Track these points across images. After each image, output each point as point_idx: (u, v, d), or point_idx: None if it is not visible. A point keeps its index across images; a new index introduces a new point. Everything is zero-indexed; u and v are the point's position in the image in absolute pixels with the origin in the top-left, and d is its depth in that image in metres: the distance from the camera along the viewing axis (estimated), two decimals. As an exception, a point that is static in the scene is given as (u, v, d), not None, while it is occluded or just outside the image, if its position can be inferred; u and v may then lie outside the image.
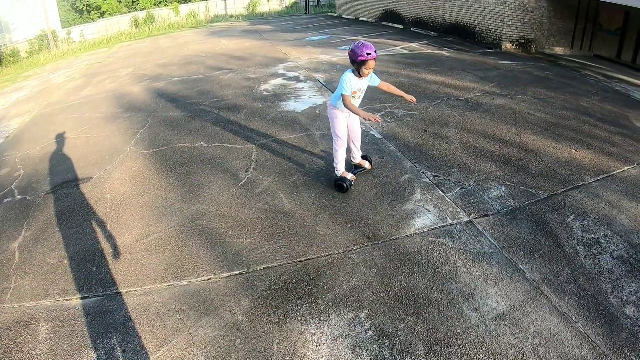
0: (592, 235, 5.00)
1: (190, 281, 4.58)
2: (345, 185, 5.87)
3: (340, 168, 5.94)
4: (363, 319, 3.94)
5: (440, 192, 5.85)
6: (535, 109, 8.69)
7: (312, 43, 17.52)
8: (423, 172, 6.33)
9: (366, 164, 6.37)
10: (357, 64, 5.21)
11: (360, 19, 25.80)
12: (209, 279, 4.58)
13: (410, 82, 10.61)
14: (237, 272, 4.65)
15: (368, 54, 5.10)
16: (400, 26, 21.42)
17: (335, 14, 30.15)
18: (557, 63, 13.69)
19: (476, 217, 5.29)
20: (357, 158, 6.25)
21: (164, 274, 4.71)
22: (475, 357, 3.52)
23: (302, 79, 11.49)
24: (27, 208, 6.46)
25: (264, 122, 8.51)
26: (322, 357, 3.62)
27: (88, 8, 47.56)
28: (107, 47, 25.56)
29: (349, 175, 6.02)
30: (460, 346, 3.62)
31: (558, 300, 4.06)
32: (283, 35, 20.73)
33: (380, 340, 3.72)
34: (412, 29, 20.40)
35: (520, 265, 4.49)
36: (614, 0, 13.03)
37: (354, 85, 5.33)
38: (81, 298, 4.52)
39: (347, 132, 5.81)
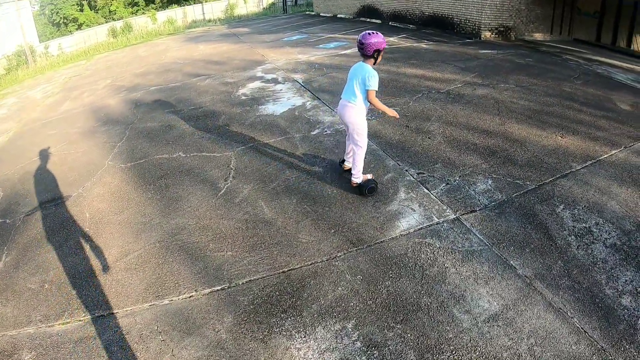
0: (584, 225, 4.89)
1: (171, 300, 4.40)
2: (376, 186, 5.71)
3: (361, 174, 5.65)
4: (350, 329, 3.78)
5: (425, 189, 5.69)
6: (518, 97, 8.57)
7: (290, 43, 17.31)
8: (407, 170, 6.18)
9: None
10: (378, 53, 5.18)
11: (338, 16, 25.65)
12: (190, 297, 4.40)
13: (390, 77, 10.47)
14: (219, 287, 4.47)
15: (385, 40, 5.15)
16: (379, 21, 21.29)
17: (313, 13, 30.02)
18: (538, 49, 13.61)
19: (463, 214, 5.14)
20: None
21: (145, 294, 4.53)
22: (469, 363, 3.38)
23: (281, 81, 11.27)
24: (6, 232, 6.23)
25: (242, 127, 8.31)
26: (310, 373, 3.47)
27: (65, 21, 47.09)
28: (86, 59, 25.17)
29: (370, 175, 5.83)
30: (453, 352, 3.49)
31: (552, 295, 3.94)
32: (261, 37, 20.52)
33: (369, 352, 3.56)
34: (390, 23, 20.29)
35: (512, 262, 4.36)
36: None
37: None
38: (63, 324, 4.35)
39: None
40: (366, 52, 5.14)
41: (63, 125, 10.70)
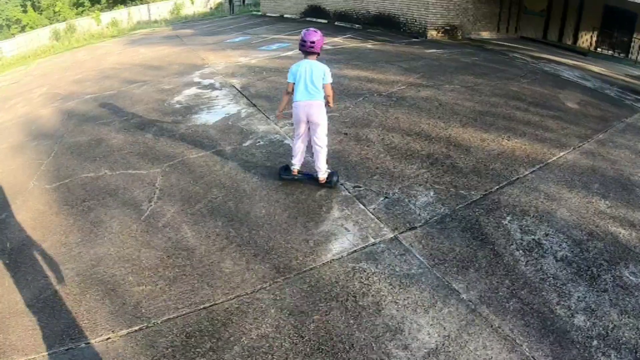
0: (532, 237, 4.68)
1: (88, 343, 3.86)
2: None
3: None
4: (275, 375, 3.32)
5: (361, 205, 5.27)
6: (463, 99, 8.35)
7: (232, 45, 16.81)
8: (342, 184, 5.74)
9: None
10: (320, 49, 5.45)
11: (285, 16, 25.29)
12: (107, 339, 3.88)
13: (331, 80, 10.09)
14: (137, 327, 3.95)
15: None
16: (325, 21, 21.06)
17: (259, 13, 29.58)
18: (484, 48, 13.58)
19: (402, 232, 4.76)
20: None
21: (62, 337, 3.97)
22: (406, 412, 3.03)
23: (218, 87, 10.75)
24: None
25: (173, 140, 7.77)
26: None
27: (8, 22, 45.30)
28: (26, 64, 24.03)
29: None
30: (389, 397, 3.10)
31: (499, 321, 3.67)
32: (204, 38, 19.93)
33: (294, 402, 3.12)
34: (336, 23, 20.09)
35: (454, 285, 4.04)
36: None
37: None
38: None
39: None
40: (316, 50, 5.36)
41: (-6, 140, 9.85)
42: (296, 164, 5.83)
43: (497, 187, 5.49)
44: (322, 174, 5.63)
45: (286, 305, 3.96)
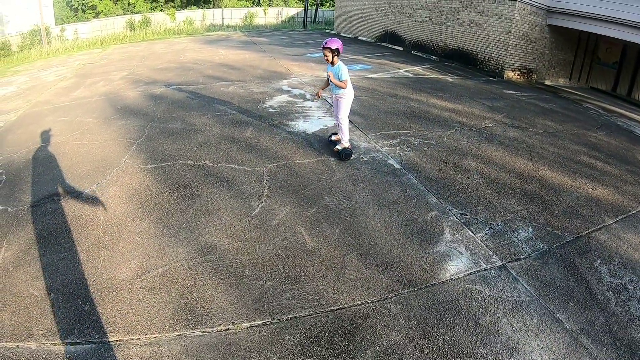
0: (619, 281, 4.89)
1: (204, 331, 3.97)
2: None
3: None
4: (412, 382, 3.61)
5: (470, 232, 5.61)
6: (547, 143, 8.63)
7: (314, 60, 17.24)
8: (449, 209, 6.09)
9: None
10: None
11: (359, 38, 25.70)
12: (227, 330, 4.00)
13: (421, 107, 10.52)
14: (260, 322, 4.11)
15: (322, 44, 7.04)
16: (400, 48, 21.39)
17: (333, 32, 30.12)
18: (559, 95, 13.75)
19: (509, 262, 5.08)
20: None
21: (172, 321, 4.07)
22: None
23: (309, 98, 11.29)
24: (7, 222, 5.71)
25: (273, 142, 8.08)
26: None
27: (83, 7, 46.95)
28: (101, 48, 24.96)
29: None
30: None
31: (597, 351, 3.93)
32: (282, 49, 20.45)
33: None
34: (412, 51, 20.38)
35: (558, 315, 4.33)
36: (614, 35, 13.16)
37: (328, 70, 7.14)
38: (71, 344, 3.82)
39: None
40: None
41: (76, 112, 10.33)
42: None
43: (587, 231, 5.73)
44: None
45: (413, 316, 4.23)
